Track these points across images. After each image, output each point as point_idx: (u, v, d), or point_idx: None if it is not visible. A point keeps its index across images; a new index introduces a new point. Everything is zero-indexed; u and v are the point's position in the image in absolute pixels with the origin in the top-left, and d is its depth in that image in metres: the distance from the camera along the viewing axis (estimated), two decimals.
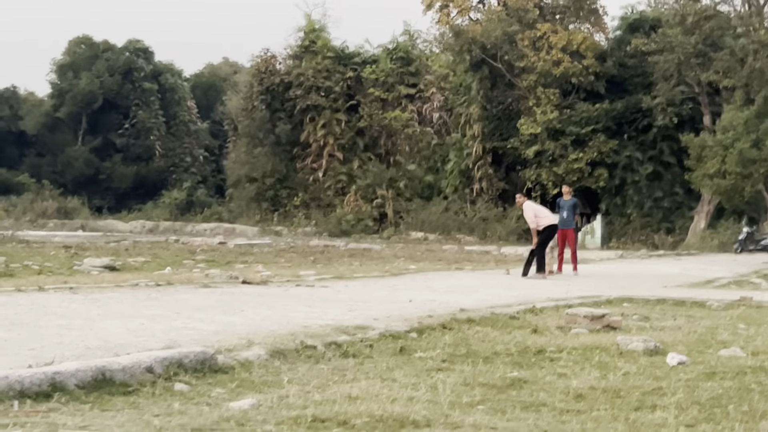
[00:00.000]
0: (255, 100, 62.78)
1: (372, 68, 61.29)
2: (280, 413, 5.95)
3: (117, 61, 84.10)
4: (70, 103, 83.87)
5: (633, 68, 52.39)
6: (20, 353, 8.00)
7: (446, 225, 51.73)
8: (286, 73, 61.93)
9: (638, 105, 50.77)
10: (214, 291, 15.52)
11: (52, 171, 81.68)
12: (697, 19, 47.15)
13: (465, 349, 9.33)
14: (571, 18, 55.55)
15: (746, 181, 43.31)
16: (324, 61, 60.95)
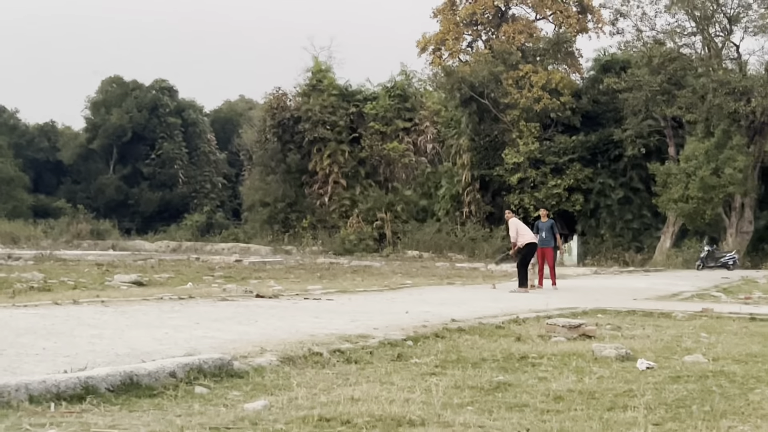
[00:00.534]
0: (268, 133, 62.89)
1: (372, 104, 61.42)
2: (290, 413, 5.94)
3: (144, 99, 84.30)
4: (102, 136, 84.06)
5: (605, 104, 52.54)
6: (57, 360, 7.99)
7: (439, 244, 51.75)
8: (296, 109, 62.03)
9: (610, 137, 51.04)
10: (230, 304, 15.50)
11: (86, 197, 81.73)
12: (662, 61, 47.32)
13: (456, 356, 9.33)
14: (550, 60, 55.72)
15: (707, 205, 43.54)
16: (329, 98, 61.07)
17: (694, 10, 46.36)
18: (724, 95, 44.37)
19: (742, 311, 15.75)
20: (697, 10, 46.33)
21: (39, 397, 6.20)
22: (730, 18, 47.08)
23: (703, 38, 47.83)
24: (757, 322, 13.97)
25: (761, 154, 47.46)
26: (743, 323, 13.81)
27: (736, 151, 43.60)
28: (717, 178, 42.84)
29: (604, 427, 5.83)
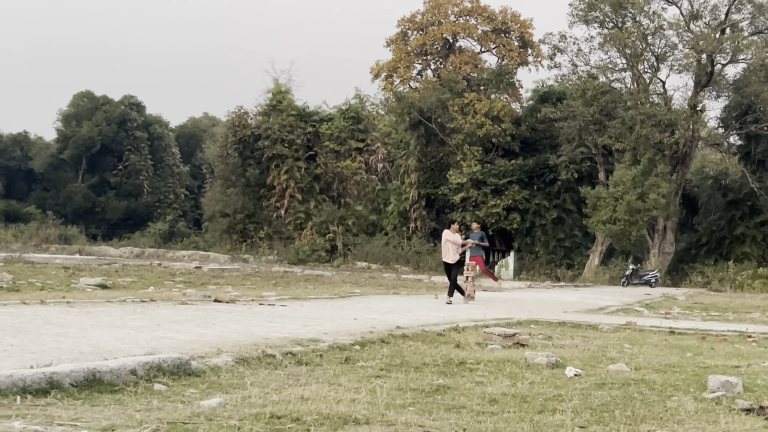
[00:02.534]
0: (229, 149, 62.66)
1: (328, 125, 61.48)
2: (243, 411, 5.92)
3: (114, 113, 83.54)
4: (72, 146, 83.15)
5: (542, 132, 53.04)
6: (23, 356, 7.89)
7: (386, 257, 51.83)
8: (256, 127, 61.85)
9: (546, 162, 51.55)
10: (190, 307, 15.39)
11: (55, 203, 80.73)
12: (595, 93, 47.91)
13: (399, 360, 9.35)
14: (493, 89, 56.21)
15: (633, 227, 44.01)
16: (288, 118, 60.99)
17: (625, 48, 46.99)
18: (651, 127, 45.11)
19: (663, 325, 15.97)
20: (628, 48, 46.97)
21: (5, 391, 6.12)
22: (657, 56, 47.95)
23: (632, 74, 48.48)
24: (675, 336, 14.18)
25: (683, 182, 48.51)
26: (663, 336, 13.99)
27: (660, 178, 44.23)
28: (642, 202, 43.33)
29: (535, 429, 5.87)
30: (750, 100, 46.44)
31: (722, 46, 45.66)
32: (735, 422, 6.40)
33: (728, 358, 11.01)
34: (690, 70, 47.30)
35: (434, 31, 60.23)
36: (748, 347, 12.67)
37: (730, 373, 8.67)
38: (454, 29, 60.50)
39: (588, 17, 48.25)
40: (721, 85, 48.30)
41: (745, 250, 47.16)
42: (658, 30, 47.68)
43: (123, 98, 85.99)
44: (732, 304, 27.60)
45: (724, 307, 25.27)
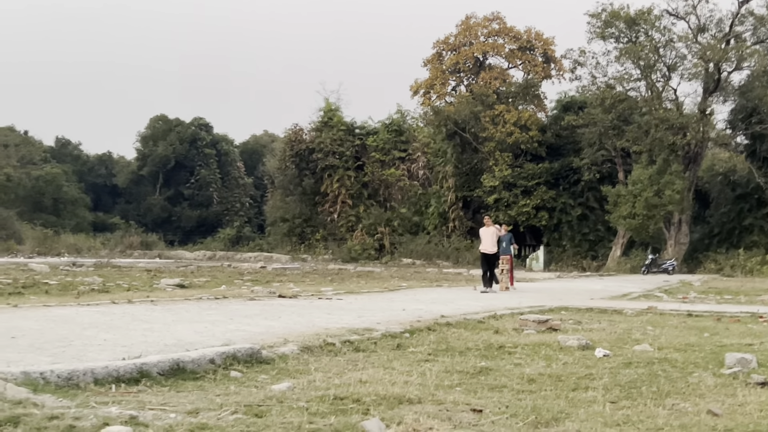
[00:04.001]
0: (287, 161, 63.02)
1: (374, 138, 61.56)
2: (309, 393, 5.95)
3: (185, 133, 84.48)
4: (150, 164, 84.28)
5: (566, 137, 52.64)
6: (116, 349, 8.00)
7: (429, 253, 51.79)
8: (310, 141, 62.14)
9: (570, 165, 51.25)
10: (258, 303, 15.49)
11: (136, 214, 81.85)
12: (613, 102, 47.53)
13: (445, 346, 9.33)
14: (520, 101, 55.92)
15: (650, 220, 43.75)
16: (338, 132, 61.20)
17: (639, 60, 46.67)
18: (664, 130, 44.75)
19: (681, 308, 15.76)
20: (642, 60, 46.64)
21: (102, 380, 6.22)
22: (668, 67, 47.44)
23: (646, 83, 48.08)
24: (693, 318, 13.98)
25: (695, 179, 47.95)
26: (682, 318, 13.81)
27: (674, 176, 43.92)
28: (659, 198, 43.06)
29: (570, 405, 5.83)
30: (754, 103, 45.83)
31: (728, 55, 45.34)
32: (751, 395, 6.32)
33: (742, 336, 10.84)
34: (699, 78, 46.80)
35: (466, 51, 60.08)
36: (760, 327, 12.45)
37: (745, 351, 8.54)
38: (484, 48, 60.27)
39: (605, 33, 48.02)
40: (727, 90, 47.68)
41: (753, 239, 46.56)
42: (669, 43, 47.26)
43: (193, 120, 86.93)
44: (743, 288, 27.15)
45: (736, 290, 24.87)
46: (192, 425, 4.67)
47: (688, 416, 5.51)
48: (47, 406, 5.11)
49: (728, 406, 5.85)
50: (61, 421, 4.64)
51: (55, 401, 5.29)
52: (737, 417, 5.47)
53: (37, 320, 10.87)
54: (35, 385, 5.75)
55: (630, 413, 5.55)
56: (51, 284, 20.73)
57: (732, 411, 5.69)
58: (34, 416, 4.75)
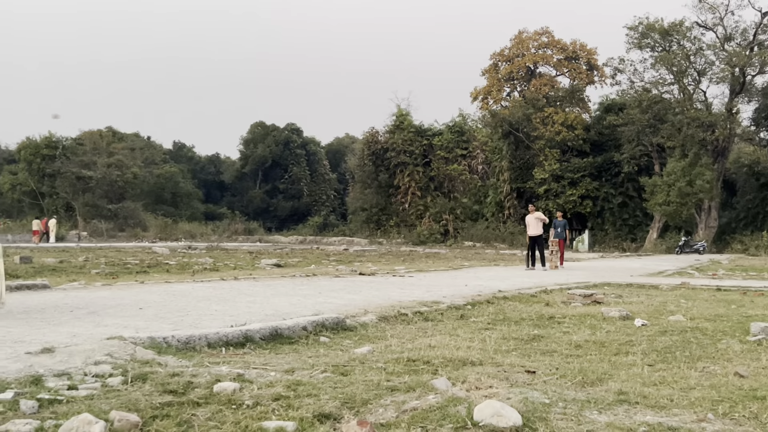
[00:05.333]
0: (365, 159, 63.26)
1: (439, 138, 61.27)
2: (386, 356, 5.98)
3: (280, 137, 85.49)
4: (251, 163, 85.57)
5: (607, 135, 51.66)
6: (224, 318, 8.18)
7: (487, 237, 51.49)
8: (385, 142, 62.22)
9: (612, 159, 50.42)
10: (342, 279, 15.64)
11: (240, 205, 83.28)
12: (649, 103, 46.60)
13: (502, 316, 9.28)
14: (567, 104, 55.06)
15: (683, 207, 42.94)
16: (408, 134, 61.11)
17: (672, 67, 45.73)
18: (695, 128, 43.93)
19: (711, 284, 15.33)
20: (675, 67, 45.68)
21: (214, 344, 6.37)
22: (699, 72, 46.34)
23: (679, 87, 46.98)
24: (721, 292, 13.58)
25: (723, 170, 46.84)
26: (711, 293, 13.44)
27: (704, 168, 43.00)
28: (690, 187, 42.16)
29: (612, 367, 5.75)
30: None
31: (751, 61, 44.21)
32: None
33: (766, 308, 10.49)
34: (726, 81, 45.72)
35: (519, 62, 59.36)
36: None
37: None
38: (535, 59, 59.44)
39: (642, 44, 47.24)
40: (751, 91, 46.55)
41: None
42: (699, 51, 46.15)
43: (286, 125, 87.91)
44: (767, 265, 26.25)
45: (761, 268, 24.05)
46: (289, 382, 4.75)
47: (717, 377, 5.38)
48: (169, 365, 5.27)
49: (753, 369, 5.69)
50: (180, 378, 4.77)
51: (175, 362, 5.44)
52: (761, 378, 5.32)
53: (160, 294, 11.18)
54: (159, 348, 5.92)
55: (665, 375, 5.44)
56: (171, 264, 21.29)
57: (756, 373, 5.53)
58: (158, 374, 4.90)
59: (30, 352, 5.48)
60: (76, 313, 8.43)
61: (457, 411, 3.92)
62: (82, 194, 66.29)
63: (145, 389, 4.47)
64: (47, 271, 17.67)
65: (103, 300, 10.12)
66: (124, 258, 24.22)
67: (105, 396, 4.30)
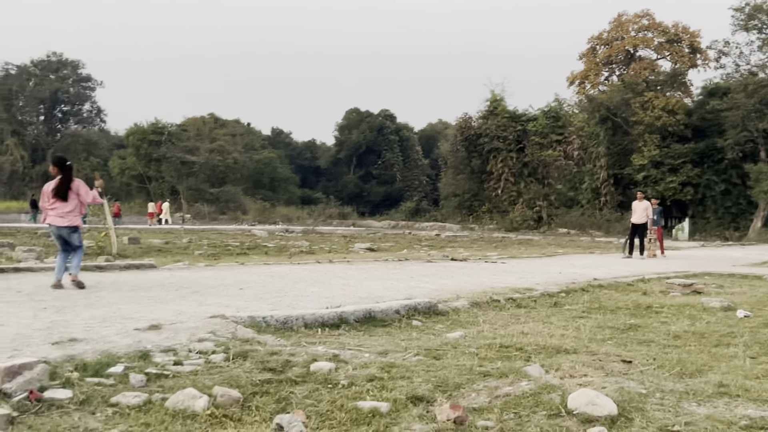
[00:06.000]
0: (458, 145, 62.92)
1: (533, 123, 60.18)
2: (479, 341, 5.97)
3: (374, 123, 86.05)
4: (346, 149, 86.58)
5: (710, 120, 49.44)
6: (320, 300, 8.34)
7: (582, 224, 50.42)
8: (478, 128, 61.65)
9: (714, 145, 48.24)
10: (433, 264, 15.65)
11: (335, 190, 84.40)
12: (755, 87, 44.36)
13: (597, 305, 9.08)
14: (668, 88, 53.05)
15: None
16: (502, 119, 60.34)
17: None
18: None
19: None
20: None
21: (310, 325, 6.51)
22: None
23: None
24: None
25: None
26: None
27: None
28: None
29: (712, 359, 5.54)
30: None
31: None
32: None
33: None
34: None
35: (618, 45, 57.65)
36: None
37: None
38: (635, 42, 57.57)
39: (748, 25, 45.03)
40: None
41: None
42: None
43: (380, 111, 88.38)
44: None
45: None
46: (383, 363, 4.81)
47: None
48: (268, 344, 5.42)
49: None
50: (279, 356, 4.90)
51: (274, 341, 5.60)
52: None
53: (259, 275, 11.49)
54: (259, 327, 6.10)
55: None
56: (269, 247, 21.83)
57: None
58: (258, 352, 5.05)
59: (138, 329, 5.75)
60: (180, 292, 8.77)
61: (551, 398, 3.88)
62: (186, 178, 68.75)
63: (246, 366, 4.62)
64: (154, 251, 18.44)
65: (206, 280, 10.49)
66: (225, 240, 24.98)
67: (208, 372, 4.47)
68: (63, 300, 7.78)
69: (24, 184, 75.79)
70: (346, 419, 3.57)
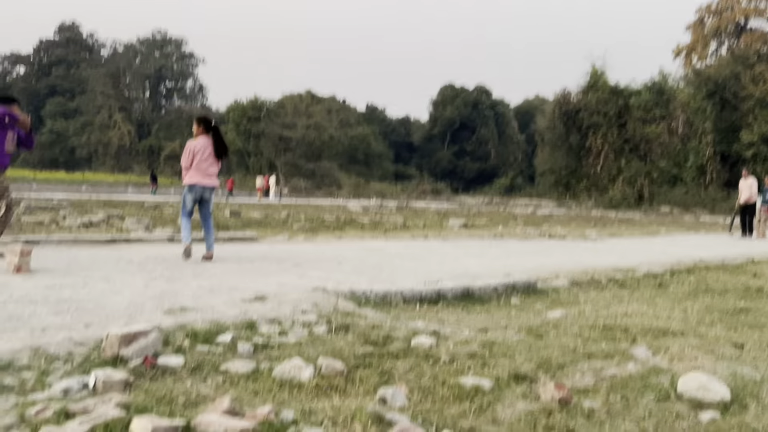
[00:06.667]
0: (556, 121, 61.67)
1: (636, 98, 58.21)
2: (580, 321, 5.85)
3: (468, 99, 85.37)
4: (440, 125, 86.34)
5: None
6: (417, 275, 8.36)
7: (686, 202, 48.64)
8: (577, 103, 60.21)
9: None
10: (530, 242, 15.46)
11: (428, 166, 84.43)
12: None
13: (704, 286, 8.73)
14: None
15: None
16: (603, 94, 58.66)
17: None
18: None
19: None
20: None
21: (409, 300, 6.56)
22: None
23: None
24: None
25: None
26: None
27: None
28: None
29: None
30: None
31: None
32: None
33: None
34: None
35: (728, 16, 54.93)
36: None
37: None
38: (746, 12, 54.72)
39: None
40: None
41: None
42: None
43: (475, 87, 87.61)
44: None
45: None
46: (483, 340, 4.79)
47: None
48: (369, 318, 5.49)
49: None
50: (380, 330, 4.96)
51: (374, 314, 5.66)
52: None
53: (356, 250, 11.64)
54: (359, 301, 6.19)
55: None
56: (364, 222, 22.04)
57: None
58: (359, 325, 5.13)
59: (244, 299, 5.93)
60: (282, 265, 8.99)
61: (660, 381, 3.77)
62: (283, 154, 70.25)
63: (348, 339, 4.69)
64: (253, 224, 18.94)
65: (306, 253, 10.71)
66: (321, 214, 25.39)
67: (312, 343, 4.57)
68: (172, 270, 8.11)
69: (131, 158, 79.30)
70: (448, 395, 3.58)
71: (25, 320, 4.86)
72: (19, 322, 4.78)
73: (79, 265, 8.31)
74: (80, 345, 4.22)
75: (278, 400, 3.45)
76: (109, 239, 11.29)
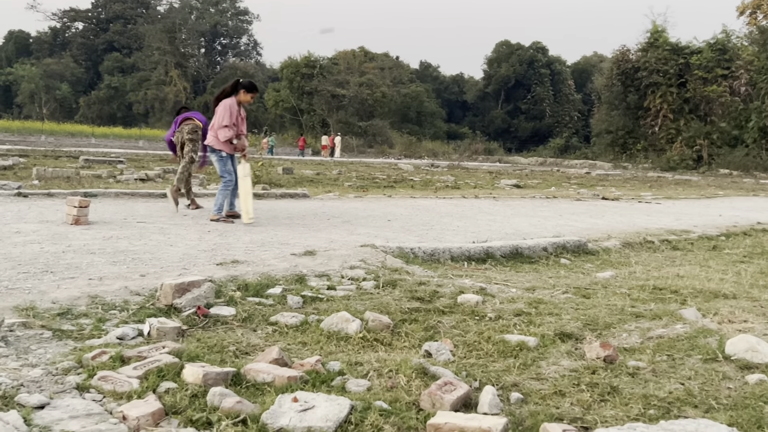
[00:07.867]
0: (614, 79, 60.22)
1: (697, 57, 56.32)
2: (630, 282, 5.80)
3: (524, 56, 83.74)
4: (494, 83, 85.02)
5: None
6: (466, 234, 8.37)
7: (746, 165, 47.12)
8: (636, 61, 58.57)
9: None
10: (583, 203, 15.27)
11: (481, 125, 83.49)
12: None
13: (760, 250, 8.54)
14: None
15: None
16: (663, 52, 56.91)
17: None
18: None
19: None
20: None
21: (456, 258, 6.58)
22: None
23: None
24: None
25: None
26: None
27: None
28: None
29: None
30: None
31: None
32: None
33: None
34: None
35: None
36: None
37: None
38: None
39: None
40: None
41: None
42: None
43: (532, 44, 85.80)
44: None
45: None
46: (530, 299, 4.79)
47: None
48: (416, 274, 5.53)
49: None
50: (427, 287, 5.00)
51: (421, 271, 5.70)
52: None
53: (405, 208, 11.67)
54: (407, 258, 6.23)
55: None
56: (415, 180, 22.05)
57: None
58: (407, 281, 5.17)
59: (294, 254, 6.03)
60: (332, 221, 9.08)
61: (707, 342, 3.73)
62: (336, 111, 70.26)
63: (395, 294, 4.75)
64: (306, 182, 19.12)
65: (355, 211, 10.79)
66: (372, 173, 25.45)
67: (359, 297, 4.65)
68: (224, 224, 8.27)
69: None
70: (493, 350, 3.61)
71: (83, 269, 5.04)
72: (78, 271, 4.96)
73: (136, 217, 8.54)
74: (135, 294, 4.37)
75: (325, 352, 3.53)
76: (165, 194, 11.54)
